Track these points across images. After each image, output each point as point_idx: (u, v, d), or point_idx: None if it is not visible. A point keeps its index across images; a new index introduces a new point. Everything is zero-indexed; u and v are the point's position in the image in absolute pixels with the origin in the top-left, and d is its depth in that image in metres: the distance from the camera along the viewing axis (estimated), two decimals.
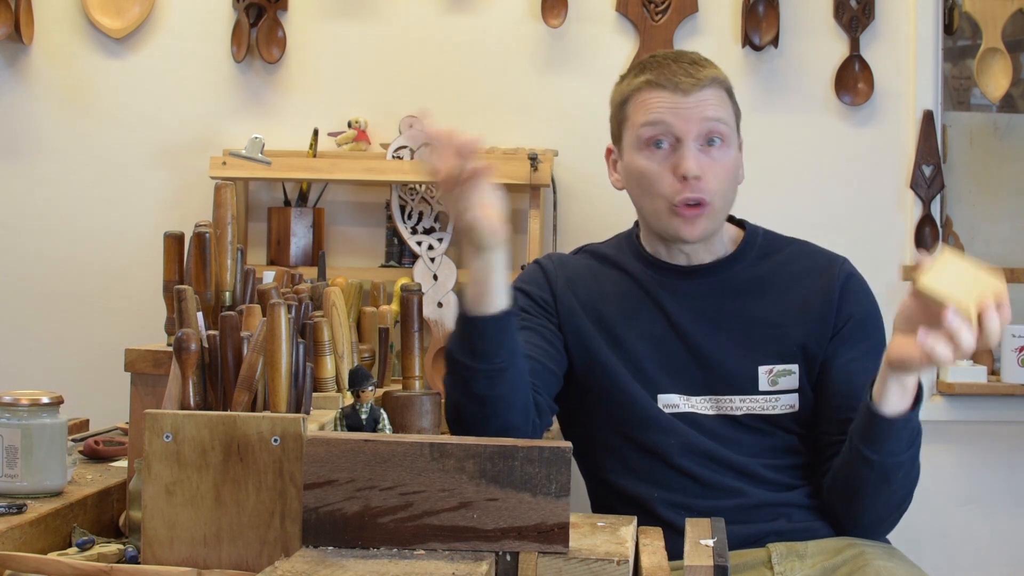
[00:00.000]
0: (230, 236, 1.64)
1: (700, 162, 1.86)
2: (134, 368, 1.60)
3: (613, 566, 1.28)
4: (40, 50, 2.88)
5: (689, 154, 1.86)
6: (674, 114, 1.87)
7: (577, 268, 2.00)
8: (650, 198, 1.90)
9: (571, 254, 2.07)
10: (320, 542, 1.28)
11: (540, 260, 2.04)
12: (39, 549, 1.45)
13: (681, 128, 1.87)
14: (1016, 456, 2.82)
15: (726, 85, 1.92)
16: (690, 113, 1.87)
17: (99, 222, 2.87)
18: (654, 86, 1.89)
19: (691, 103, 1.87)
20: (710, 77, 1.89)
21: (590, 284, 1.97)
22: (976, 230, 2.91)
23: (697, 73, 1.89)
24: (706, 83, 1.88)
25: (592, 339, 1.91)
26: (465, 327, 1.70)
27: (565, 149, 2.79)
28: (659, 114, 1.88)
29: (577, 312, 1.94)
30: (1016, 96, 2.94)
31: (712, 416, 1.87)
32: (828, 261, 1.96)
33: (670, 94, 1.88)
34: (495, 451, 1.28)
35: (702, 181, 1.86)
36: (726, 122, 1.89)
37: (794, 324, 1.89)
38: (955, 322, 1.53)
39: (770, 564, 1.77)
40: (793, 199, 2.78)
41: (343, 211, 2.86)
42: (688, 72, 1.88)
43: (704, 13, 2.82)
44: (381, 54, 2.85)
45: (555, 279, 1.98)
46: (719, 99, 1.89)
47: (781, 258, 1.96)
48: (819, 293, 1.91)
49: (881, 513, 1.82)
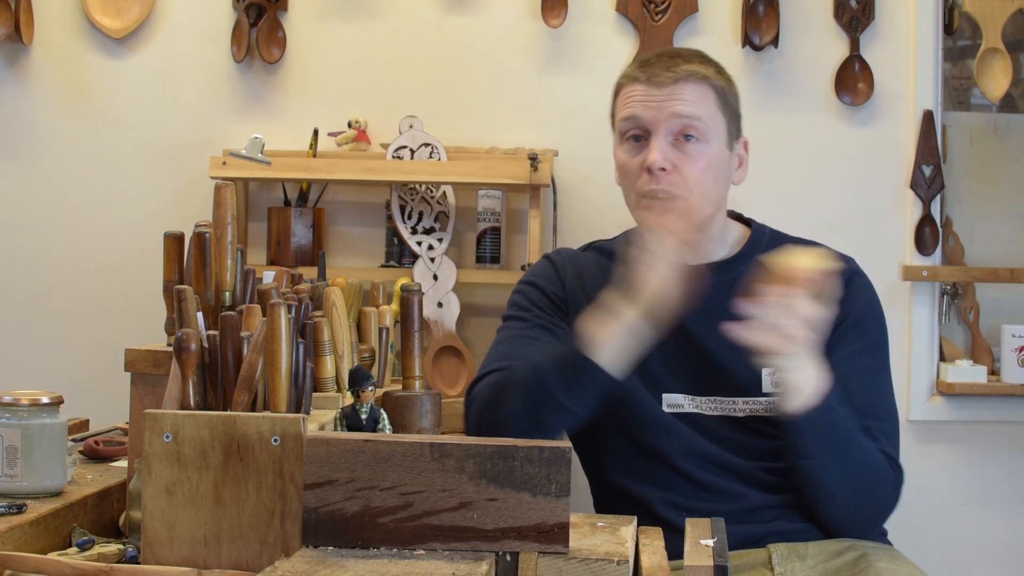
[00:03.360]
0: (230, 236, 1.64)
1: (669, 156, 1.85)
2: (134, 368, 1.60)
3: (613, 566, 1.28)
4: (40, 50, 2.88)
5: (655, 146, 1.85)
6: (644, 106, 1.87)
7: (585, 264, 2.00)
8: (625, 191, 1.92)
9: (579, 250, 2.06)
10: (320, 542, 1.28)
11: (550, 255, 2.04)
12: (39, 549, 1.45)
13: (650, 120, 1.86)
14: (1016, 456, 2.82)
15: (711, 83, 1.89)
16: (660, 105, 1.85)
17: (99, 222, 2.87)
18: (633, 80, 1.90)
19: (662, 96, 1.86)
20: (688, 71, 1.87)
21: (598, 280, 1.96)
22: (976, 230, 2.91)
23: (676, 67, 1.87)
24: (682, 76, 1.86)
25: None
26: (577, 365, 1.73)
27: (565, 149, 2.79)
28: (632, 108, 1.88)
29: (585, 308, 1.93)
30: (1016, 96, 2.94)
31: (715, 417, 1.87)
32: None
33: (644, 87, 1.87)
34: (495, 451, 1.28)
35: (672, 175, 1.84)
36: (701, 118, 1.86)
37: None
38: None
39: (771, 565, 1.77)
40: (793, 199, 2.78)
41: (343, 211, 2.86)
42: (667, 65, 1.87)
43: (704, 13, 2.82)
44: (381, 54, 2.85)
45: (565, 274, 1.98)
46: (697, 94, 1.87)
47: None
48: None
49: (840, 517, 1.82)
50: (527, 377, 1.77)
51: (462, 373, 2.73)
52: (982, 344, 2.83)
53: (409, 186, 2.70)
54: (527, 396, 1.76)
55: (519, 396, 1.77)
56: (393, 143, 2.70)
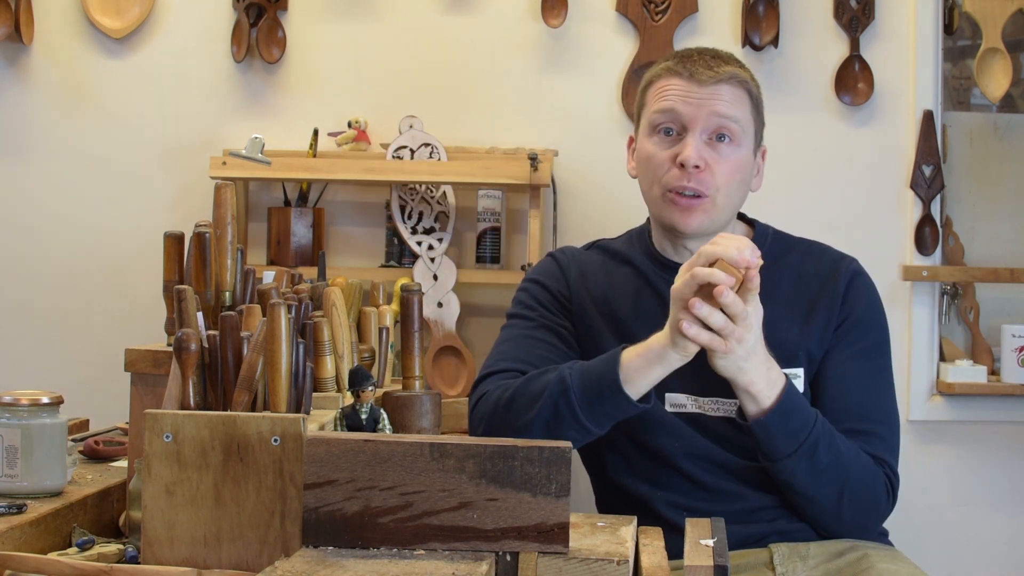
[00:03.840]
0: (230, 236, 1.64)
1: (703, 154, 1.85)
2: (134, 368, 1.60)
3: (613, 566, 1.28)
4: (40, 50, 2.88)
5: (691, 143, 1.85)
6: (685, 102, 1.87)
7: (590, 263, 2.00)
8: (649, 184, 1.91)
9: (583, 248, 2.06)
10: (320, 542, 1.28)
11: (554, 253, 2.04)
12: (39, 549, 1.45)
13: (689, 117, 1.86)
14: (1016, 456, 2.82)
15: (748, 87, 1.91)
16: (701, 103, 1.86)
17: (99, 222, 2.87)
18: (673, 73, 1.90)
19: (704, 94, 1.87)
20: (730, 73, 1.88)
21: (602, 279, 1.96)
22: (976, 230, 2.91)
23: (717, 67, 1.88)
24: (724, 78, 1.87)
25: (602, 336, 1.91)
26: (610, 394, 1.72)
27: (565, 149, 2.79)
28: (671, 101, 1.88)
29: (588, 307, 1.93)
30: (1016, 96, 2.94)
31: (718, 418, 1.87)
32: (836, 262, 1.95)
33: (685, 82, 1.88)
34: (495, 451, 1.28)
35: (703, 173, 1.85)
36: (738, 121, 1.88)
37: (800, 327, 1.88)
38: None
39: (772, 565, 1.77)
40: (793, 199, 2.78)
41: (343, 211, 2.86)
42: (708, 64, 1.88)
43: (704, 13, 2.82)
44: (381, 54, 2.85)
45: (569, 272, 1.98)
46: (735, 97, 1.88)
47: (790, 259, 1.95)
48: (825, 295, 1.90)
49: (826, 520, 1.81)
50: (553, 389, 1.75)
51: (462, 373, 2.73)
52: (982, 344, 2.83)
53: (409, 186, 2.70)
54: (550, 408, 1.75)
55: (540, 406, 1.75)
56: (393, 143, 2.70)
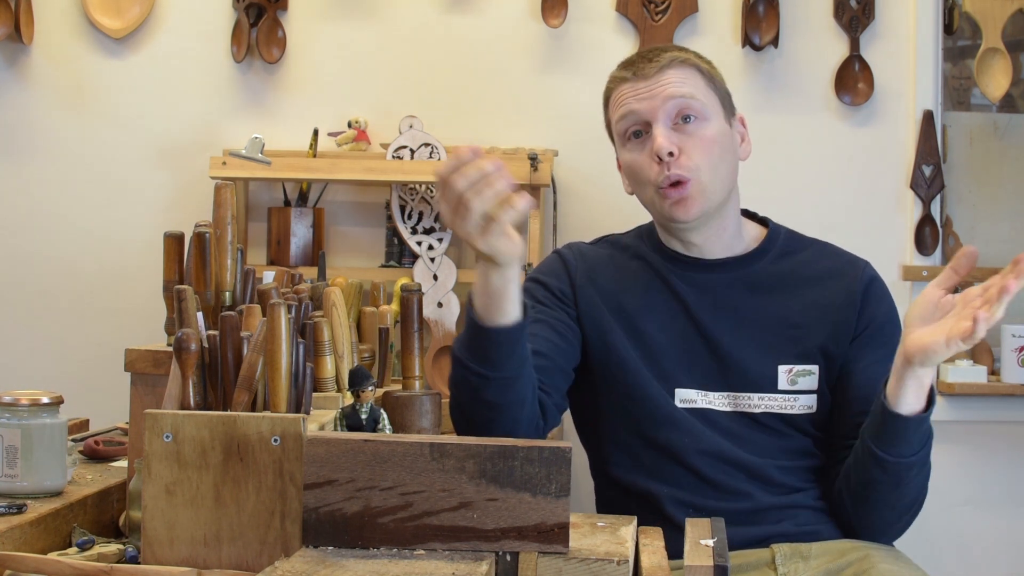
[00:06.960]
0: (230, 236, 1.64)
1: (672, 140, 1.85)
2: (134, 368, 1.60)
3: (613, 566, 1.28)
4: (40, 50, 2.88)
5: (658, 133, 1.85)
6: (638, 100, 1.87)
7: (598, 258, 1.99)
8: (641, 188, 1.91)
9: (591, 244, 2.05)
10: (320, 542, 1.28)
11: (560, 250, 2.03)
12: (39, 549, 1.45)
13: (647, 111, 1.86)
14: (1016, 456, 2.82)
15: (694, 63, 1.90)
16: (653, 94, 1.86)
17: (99, 222, 2.87)
18: (621, 81, 1.91)
19: (652, 85, 1.87)
20: (670, 57, 1.89)
21: (611, 274, 1.96)
22: (976, 230, 2.91)
23: (656, 57, 1.89)
24: (665, 63, 1.88)
25: (611, 331, 1.90)
26: (477, 336, 1.67)
27: (565, 149, 2.79)
28: (627, 105, 1.89)
29: (597, 303, 1.93)
30: (1016, 96, 2.94)
31: (729, 413, 1.86)
32: (851, 263, 1.96)
33: (633, 83, 1.89)
34: (495, 451, 1.27)
35: (680, 158, 1.84)
36: (694, 96, 1.87)
37: (815, 325, 1.88)
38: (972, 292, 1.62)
39: (774, 565, 1.76)
40: (793, 199, 2.78)
41: (343, 211, 2.86)
42: (649, 58, 1.89)
43: (704, 13, 2.82)
44: (381, 54, 2.85)
45: (575, 270, 1.97)
46: (684, 76, 1.88)
47: (803, 258, 1.95)
48: (841, 295, 1.91)
49: (890, 517, 1.82)
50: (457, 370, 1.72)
51: None
52: (982, 344, 2.83)
53: (409, 186, 2.70)
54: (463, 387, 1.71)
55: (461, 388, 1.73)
56: (393, 143, 2.70)
